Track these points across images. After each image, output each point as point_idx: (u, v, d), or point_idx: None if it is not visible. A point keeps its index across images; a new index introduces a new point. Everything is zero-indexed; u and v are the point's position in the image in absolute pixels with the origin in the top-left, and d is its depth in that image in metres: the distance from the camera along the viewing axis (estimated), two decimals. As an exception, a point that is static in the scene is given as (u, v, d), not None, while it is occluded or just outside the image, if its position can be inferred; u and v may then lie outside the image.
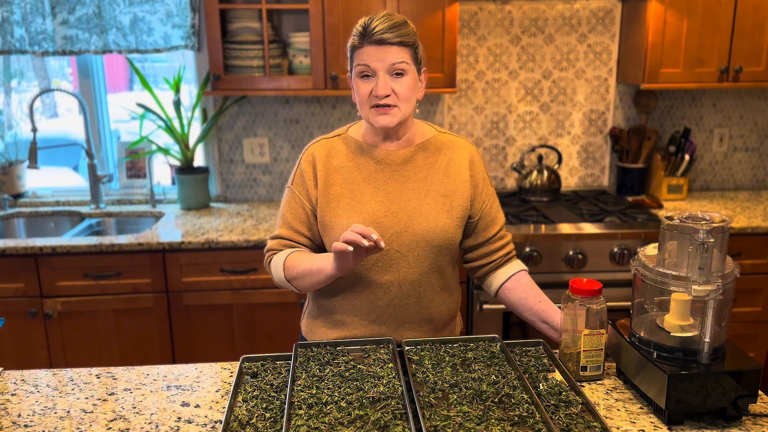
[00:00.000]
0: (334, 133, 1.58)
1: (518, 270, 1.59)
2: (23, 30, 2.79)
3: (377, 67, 1.40)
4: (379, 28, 1.38)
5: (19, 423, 1.24)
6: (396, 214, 1.48)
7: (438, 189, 1.50)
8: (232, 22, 2.73)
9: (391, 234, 1.47)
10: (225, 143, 3.06)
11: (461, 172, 1.52)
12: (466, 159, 1.54)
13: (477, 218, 1.55)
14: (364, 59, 1.41)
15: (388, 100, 1.41)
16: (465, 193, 1.52)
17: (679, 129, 3.12)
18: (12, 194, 3.06)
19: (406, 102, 1.43)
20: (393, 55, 1.39)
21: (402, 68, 1.40)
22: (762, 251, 2.62)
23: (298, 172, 1.54)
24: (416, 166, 1.51)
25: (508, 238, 1.61)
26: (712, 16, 2.66)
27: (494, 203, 1.58)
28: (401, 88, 1.41)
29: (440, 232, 1.48)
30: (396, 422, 1.13)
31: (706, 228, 1.16)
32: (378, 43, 1.39)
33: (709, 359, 1.18)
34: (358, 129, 1.56)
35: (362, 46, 1.41)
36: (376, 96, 1.41)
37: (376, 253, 1.43)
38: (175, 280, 2.53)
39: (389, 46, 1.39)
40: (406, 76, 1.42)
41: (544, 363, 1.38)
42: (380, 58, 1.39)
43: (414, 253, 1.48)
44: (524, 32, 3.00)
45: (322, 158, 1.52)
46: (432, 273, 1.51)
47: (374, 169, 1.51)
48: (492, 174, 3.16)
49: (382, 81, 1.40)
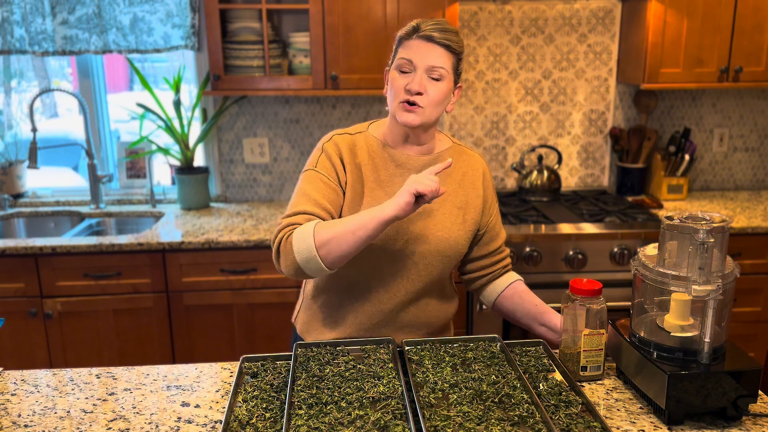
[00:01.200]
0: (355, 130, 1.54)
1: (514, 280, 1.62)
2: (23, 30, 2.79)
3: (418, 63, 1.39)
4: (432, 27, 1.40)
5: (19, 423, 1.24)
6: (412, 221, 1.47)
7: (453, 200, 1.51)
8: (232, 22, 2.73)
9: (406, 240, 1.47)
10: (225, 143, 3.06)
11: (475, 185, 1.55)
12: (480, 173, 1.57)
13: (483, 232, 1.58)
14: (408, 53, 1.40)
15: (418, 99, 1.40)
16: (478, 207, 1.54)
17: (679, 129, 3.12)
18: (12, 194, 3.06)
19: (434, 107, 1.42)
20: (436, 56, 1.39)
21: (440, 73, 1.40)
22: (762, 251, 2.62)
23: (323, 157, 1.47)
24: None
25: (507, 252, 1.65)
26: (712, 16, 2.66)
27: (499, 219, 1.62)
28: (434, 92, 1.40)
29: (452, 243, 1.49)
30: (396, 422, 1.13)
31: (706, 228, 1.16)
32: (426, 39, 1.39)
33: (709, 359, 1.18)
34: (379, 128, 1.54)
35: (410, 38, 1.41)
36: (409, 90, 1.39)
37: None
38: (175, 280, 2.53)
39: (436, 45, 1.39)
40: (442, 81, 1.41)
41: (544, 363, 1.38)
42: (423, 56, 1.39)
43: (425, 261, 1.49)
44: (524, 32, 3.00)
45: (347, 152, 1.48)
46: (437, 281, 1.54)
47: (394, 172, 1.49)
48: (492, 174, 3.15)
49: (419, 77, 1.39)
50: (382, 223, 1.31)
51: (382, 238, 1.45)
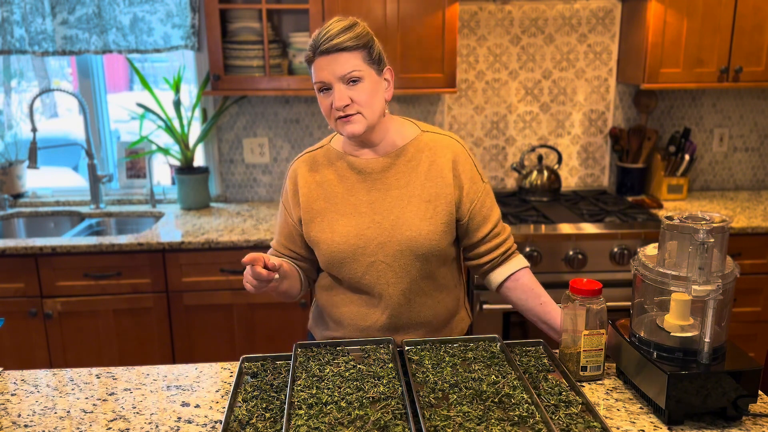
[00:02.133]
0: (318, 145, 1.57)
1: (519, 268, 1.56)
2: (23, 30, 2.79)
3: (330, 79, 1.37)
4: (324, 38, 1.36)
5: (19, 423, 1.24)
6: (379, 224, 1.46)
7: (420, 195, 1.47)
8: (232, 22, 2.73)
9: (376, 245, 1.45)
10: (225, 143, 3.06)
11: (443, 174, 1.47)
12: (449, 159, 1.48)
13: (466, 219, 1.50)
14: (318, 74, 1.38)
15: (349, 110, 1.38)
16: (448, 197, 1.47)
17: (679, 129, 3.12)
18: (12, 194, 3.06)
19: (368, 107, 1.39)
20: (343, 64, 1.36)
21: (355, 76, 1.37)
22: (762, 251, 2.62)
23: (284, 190, 1.56)
24: (398, 173, 1.48)
25: (505, 234, 1.56)
26: (712, 16, 2.66)
27: (486, 200, 1.52)
28: (359, 95, 1.38)
29: (423, 240, 1.45)
30: (396, 422, 1.13)
31: (706, 228, 1.16)
32: (327, 53, 1.36)
33: (709, 359, 1.18)
34: (340, 138, 1.54)
35: (314, 58, 1.38)
36: (336, 108, 1.38)
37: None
38: (175, 280, 2.53)
39: (339, 53, 1.35)
40: (363, 81, 1.38)
41: (544, 363, 1.38)
42: (331, 70, 1.36)
43: (400, 263, 1.46)
44: (524, 32, 3.00)
45: (304, 174, 1.52)
46: (422, 279, 1.50)
47: (356, 179, 1.49)
48: (492, 174, 3.15)
49: (338, 92, 1.37)
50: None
51: (350, 248, 1.45)
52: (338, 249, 1.46)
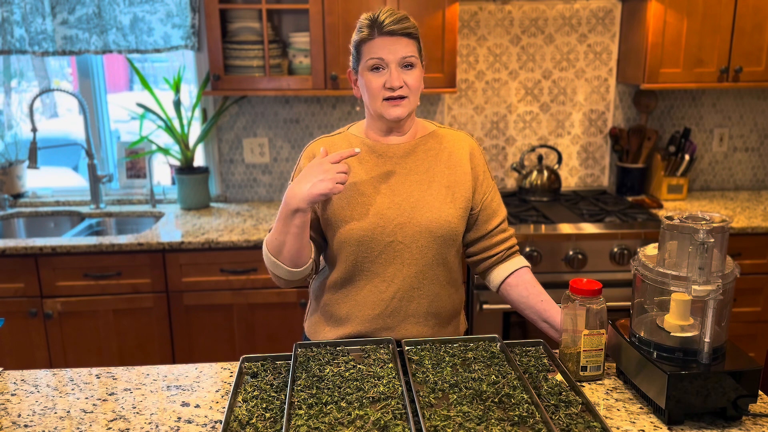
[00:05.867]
0: (335, 132, 1.60)
1: (520, 266, 1.58)
2: (23, 30, 2.79)
3: (390, 59, 1.42)
4: (389, 21, 1.42)
5: (19, 423, 1.24)
6: (399, 206, 1.48)
7: (440, 180, 1.52)
8: (232, 22, 2.73)
9: (395, 225, 1.47)
10: (225, 143, 3.06)
11: (462, 163, 1.54)
12: (467, 151, 1.56)
13: (478, 210, 1.56)
14: (377, 52, 1.43)
15: (402, 92, 1.44)
16: (467, 184, 1.53)
17: (679, 129, 3.12)
18: (12, 194, 3.06)
19: (415, 94, 1.47)
20: (403, 47, 1.43)
21: (411, 61, 1.44)
22: (762, 251, 2.62)
23: (298, 168, 1.55)
24: (418, 158, 1.53)
25: (510, 232, 1.61)
26: (712, 16, 2.66)
27: (495, 196, 1.59)
28: (412, 80, 1.44)
29: (443, 222, 1.49)
30: (396, 422, 1.13)
31: (706, 228, 1.16)
32: (389, 35, 1.42)
33: (709, 359, 1.18)
34: (360, 127, 1.58)
35: (373, 38, 1.43)
36: (390, 88, 1.43)
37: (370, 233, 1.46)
38: (175, 280, 2.53)
39: (399, 37, 1.42)
40: (415, 68, 1.45)
41: (544, 363, 1.38)
42: (392, 50, 1.42)
43: (418, 244, 1.48)
44: (524, 32, 3.00)
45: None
46: (437, 265, 1.51)
47: (376, 163, 1.52)
48: (492, 174, 3.15)
49: (396, 73, 1.42)
50: (289, 216, 1.38)
51: (369, 227, 1.46)
52: (357, 226, 1.47)
